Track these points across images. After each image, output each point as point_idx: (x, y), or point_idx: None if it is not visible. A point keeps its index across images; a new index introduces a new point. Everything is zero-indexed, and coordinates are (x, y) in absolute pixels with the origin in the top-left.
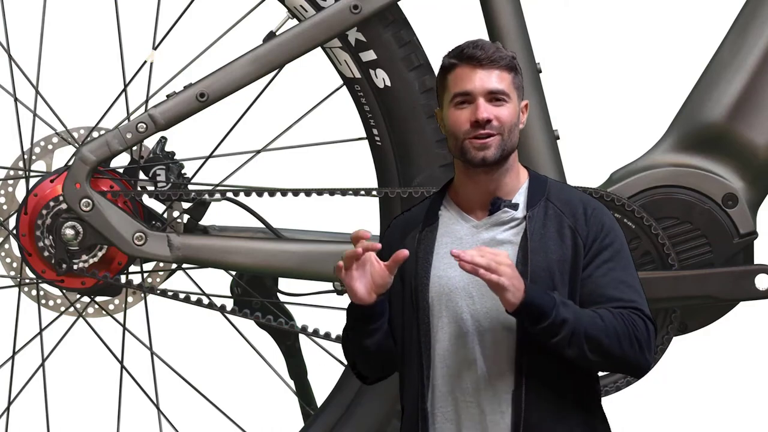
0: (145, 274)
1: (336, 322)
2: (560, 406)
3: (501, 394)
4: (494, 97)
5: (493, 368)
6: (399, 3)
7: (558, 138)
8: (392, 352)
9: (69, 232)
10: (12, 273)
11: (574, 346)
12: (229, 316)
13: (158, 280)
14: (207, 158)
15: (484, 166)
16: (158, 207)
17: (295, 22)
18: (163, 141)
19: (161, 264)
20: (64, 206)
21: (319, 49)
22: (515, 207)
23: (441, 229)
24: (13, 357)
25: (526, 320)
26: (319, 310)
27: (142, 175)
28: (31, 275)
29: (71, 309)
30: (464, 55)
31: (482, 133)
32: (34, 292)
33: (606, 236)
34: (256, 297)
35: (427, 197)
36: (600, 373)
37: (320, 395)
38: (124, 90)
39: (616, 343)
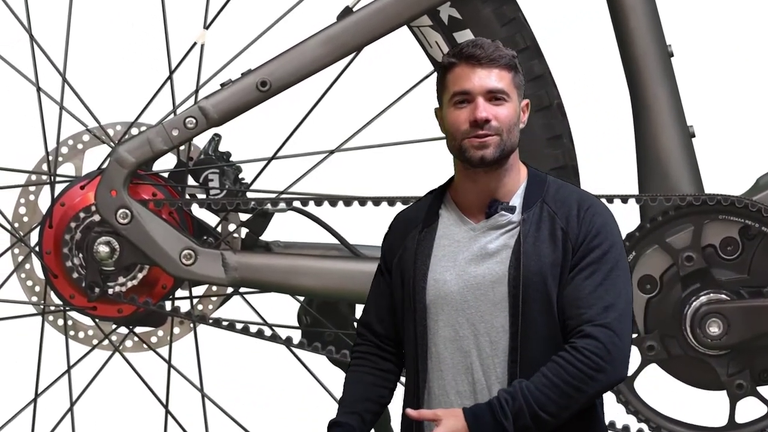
0: (195, 300)
1: None
2: None
3: None
4: (493, 96)
5: (488, 372)
6: None
7: (693, 135)
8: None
9: (103, 250)
10: (34, 298)
11: (544, 422)
12: (296, 351)
13: (210, 307)
14: (270, 160)
15: (482, 165)
16: (211, 219)
17: None
18: (216, 139)
19: (214, 288)
20: (96, 218)
21: (405, 28)
22: (512, 210)
23: (440, 230)
24: (35, 400)
25: None
26: None
27: (191, 181)
28: (57, 301)
29: (105, 342)
30: (463, 54)
31: (481, 133)
32: (60, 322)
33: (594, 238)
34: (328, 327)
35: (427, 193)
36: None
37: None
38: (170, 78)
39: (574, 392)
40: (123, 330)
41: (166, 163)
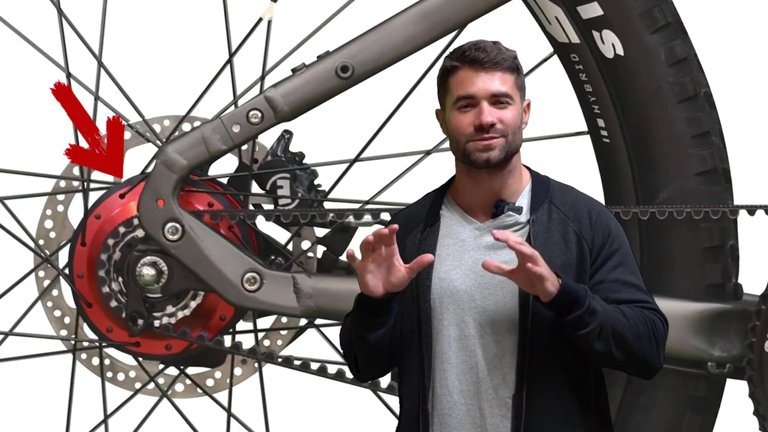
0: (261, 335)
1: None
2: (561, 411)
3: (502, 397)
4: (497, 99)
5: (494, 372)
6: None
7: None
8: (391, 352)
9: (148, 273)
10: (63, 332)
11: (602, 340)
12: (384, 396)
13: (279, 342)
14: (352, 162)
15: (487, 167)
16: (280, 235)
17: None
18: (286, 137)
19: (284, 319)
20: (140, 234)
21: (519, 1)
22: (519, 210)
23: (443, 230)
24: None
25: (561, 309)
26: None
27: (255, 188)
28: (92, 336)
29: (151, 386)
30: (466, 58)
31: (486, 136)
32: (95, 361)
33: (613, 241)
34: None
35: (427, 194)
36: None
37: None
38: (229, 61)
39: (638, 341)
40: (172, 371)
41: (225, 166)
